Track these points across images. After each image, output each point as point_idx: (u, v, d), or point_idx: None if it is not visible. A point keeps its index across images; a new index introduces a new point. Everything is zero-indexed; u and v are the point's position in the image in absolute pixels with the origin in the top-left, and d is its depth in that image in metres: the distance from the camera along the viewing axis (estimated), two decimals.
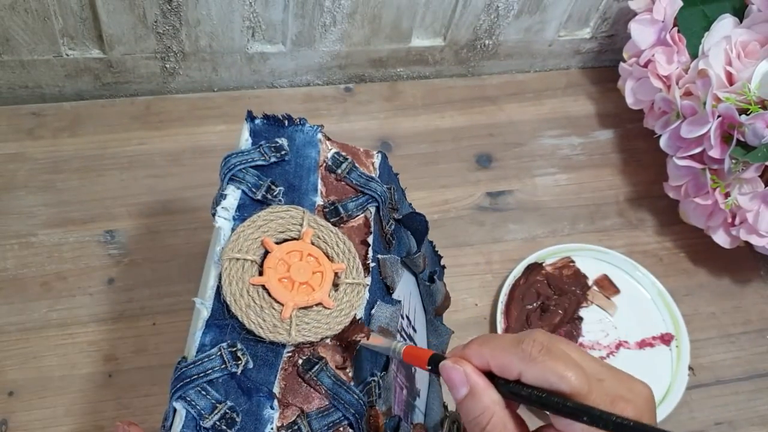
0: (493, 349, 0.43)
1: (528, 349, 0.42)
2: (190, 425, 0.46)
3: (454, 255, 0.89)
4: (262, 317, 0.50)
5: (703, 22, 0.90)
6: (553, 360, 0.41)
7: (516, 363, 0.42)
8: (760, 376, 0.87)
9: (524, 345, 0.42)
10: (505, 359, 0.42)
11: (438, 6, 0.96)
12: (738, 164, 0.83)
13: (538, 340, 0.42)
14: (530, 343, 0.42)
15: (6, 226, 0.83)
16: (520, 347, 0.42)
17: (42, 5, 0.82)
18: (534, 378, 0.41)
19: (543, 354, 0.41)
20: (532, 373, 0.41)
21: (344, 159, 0.61)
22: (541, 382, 0.41)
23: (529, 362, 0.41)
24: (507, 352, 0.42)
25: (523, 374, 0.42)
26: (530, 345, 0.42)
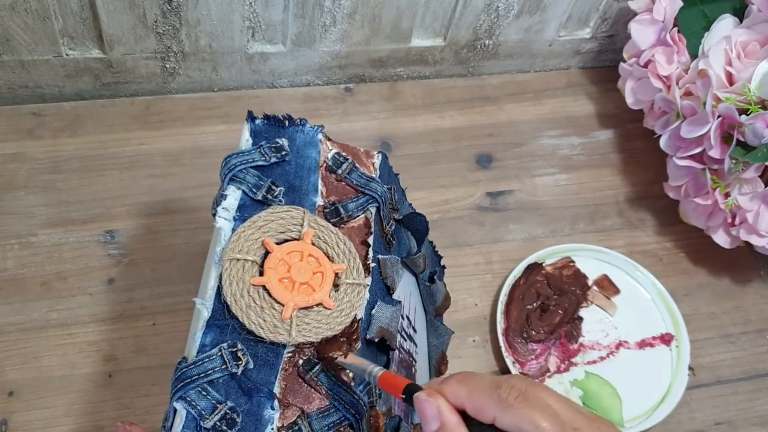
0: (470, 390, 0.43)
1: (505, 395, 0.42)
2: (190, 425, 0.46)
3: (454, 255, 0.89)
4: (262, 317, 0.50)
5: (703, 22, 0.90)
6: (529, 408, 0.41)
7: (492, 407, 0.42)
8: (760, 376, 0.87)
9: (501, 391, 0.42)
10: (481, 402, 0.43)
11: (438, 6, 0.96)
12: (738, 164, 0.83)
13: (516, 387, 0.42)
14: (508, 389, 0.42)
15: (6, 226, 0.83)
16: (497, 392, 0.42)
17: (42, 5, 0.82)
18: (508, 424, 0.41)
19: (519, 401, 0.42)
20: (506, 419, 0.41)
21: (345, 159, 0.61)
22: (515, 429, 0.41)
23: (505, 408, 0.41)
24: (484, 395, 0.43)
25: (497, 420, 0.42)
26: (507, 391, 0.42)
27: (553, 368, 0.84)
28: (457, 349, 0.83)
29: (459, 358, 0.83)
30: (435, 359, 0.73)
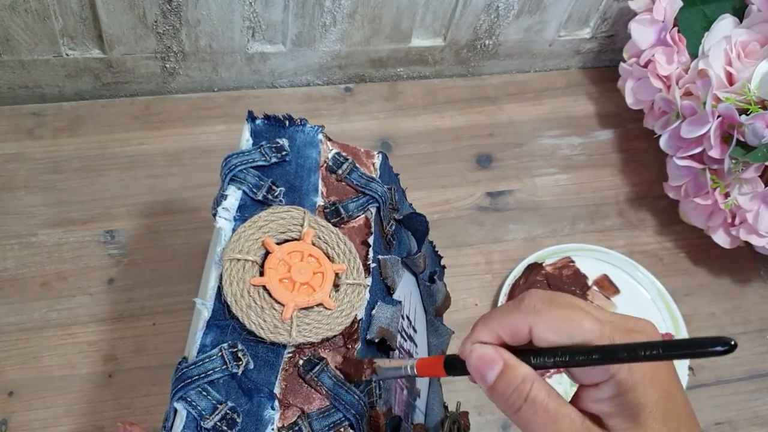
0: (498, 318, 0.42)
1: (531, 304, 0.41)
2: (190, 426, 0.46)
3: (454, 255, 0.89)
4: (262, 318, 0.50)
5: (703, 22, 0.90)
6: (559, 308, 0.41)
7: (524, 320, 0.41)
8: (760, 376, 0.87)
9: (526, 301, 0.42)
10: (513, 321, 0.41)
11: (438, 6, 0.96)
12: (738, 164, 0.83)
13: (538, 294, 0.42)
14: (531, 298, 0.41)
15: (6, 226, 0.83)
16: (522, 304, 0.41)
17: (42, 5, 0.82)
18: (545, 330, 0.40)
19: (547, 305, 0.41)
20: (542, 326, 0.40)
21: (345, 159, 0.61)
22: (552, 333, 0.40)
23: (536, 315, 0.40)
24: (512, 314, 0.41)
25: (533, 329, 0.40)
26: (532, 300, 0.41)
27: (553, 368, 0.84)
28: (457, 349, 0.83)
29: None
30: None
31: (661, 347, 0.36)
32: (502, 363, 0.41)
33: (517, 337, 0.41)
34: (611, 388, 0.40)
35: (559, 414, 0.39)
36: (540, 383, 0.40)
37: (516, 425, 0.41)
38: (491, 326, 0.42)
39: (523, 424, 0.40)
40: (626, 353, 0.37)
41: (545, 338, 0.40)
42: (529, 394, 0.40)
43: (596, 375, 0.40)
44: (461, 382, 0.82)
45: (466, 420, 0.71)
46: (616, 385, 0.39)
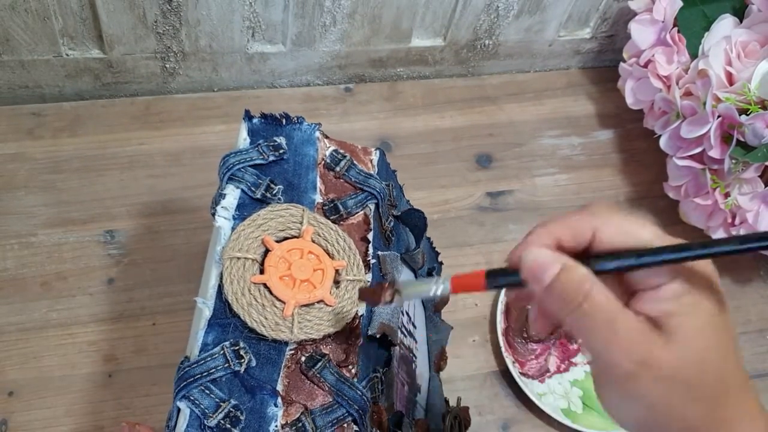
0: (561, 221, 0.42)
1: (598, 209, 0.42)
2: (194, 424, 0.46)
3: (454, 255, 0.89)
4: (264, 315, 0.50)
5: (703, 22, 0.90)
6: (625, 216, 0.41)
7: (589, 222, 0.41)
8: (760, 376, 0.87)
9: (593, 207, 0.42)
10: (577, 224, 0.41)
11: (438, 6, 0.96)
12: (738, 164, 0.83)
13: (604, 204, 0.42)
14: (599, 205, 0.42)
15: (6, 226, 0.83)
16: (590, 209, 0.42)
17: (42, 5, 0.82)
18: (610, 234, 0.41)
19: (612, 211, 0.41)
20: (607, 229, 0.41)
21: (343, 156, 0.61)
22: (618, 236, 0.40)
23: (603, 219, 0.41)
24: (576, 218, 0.42)
25: (598, 232, 0.41)
26: (599, 206, 0.42)
27: (553, 368, 0.84)
28: (457, 348, 0.83)
29: (459, 358, 0.83)
30: (434, 355, 0.73)
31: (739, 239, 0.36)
32: (559, 264, 0.40)
33: (579, 240, 0.41)
34: (674, 289, 0.39)
35: (617, 316, 0.39)
36: (599, 285, 0.40)
37: (569, 326, 0.41)
38: (551, 228, 0.42)
39: (579, 326, 0.40)
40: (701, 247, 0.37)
41: (609, 241, 0.41)
42: (589, 294, 0.39)
43: (659, 278, 0.40)
44: (462, 381, 0.82)
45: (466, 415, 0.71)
46: (680, 285, 0.39)
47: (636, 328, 0.39)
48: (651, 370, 0.38)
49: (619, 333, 0.39)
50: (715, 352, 0.39)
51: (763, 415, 0.41)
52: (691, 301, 0.39)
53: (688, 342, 0.38)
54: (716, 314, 0.39)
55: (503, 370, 0.83)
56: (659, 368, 0.38)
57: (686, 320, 0.39)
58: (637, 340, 0.38)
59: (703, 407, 0.39)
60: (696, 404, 0.39)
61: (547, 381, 0.83)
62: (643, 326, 0.39)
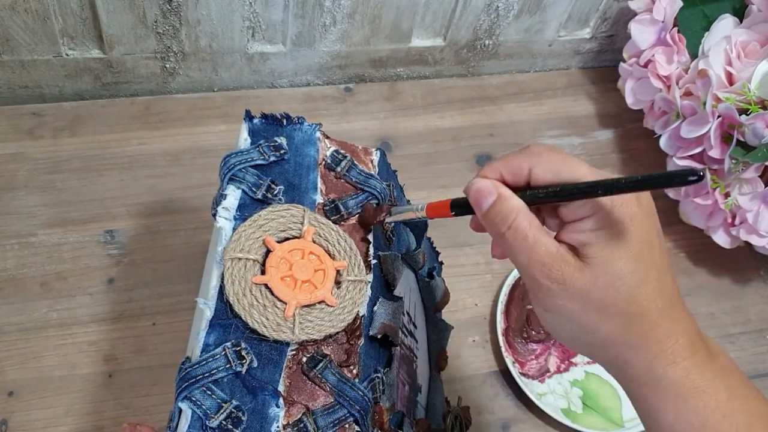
0: (502, 159, 0.47)
1: (535, 149, 0.46)
2: (196, 425, 0.46)
3: (454, 255, 0.89)
4: (265, 316, 0.50)
5: (703, 22, 0.90)
6: (559, 154, 0.45)
7: (526, 161, 0.46)
8: (760, 376, 0.87)
9: (531, 147, 0.46)
10: (515, 161, 0.46)
11: (438, 6, 0.96)
12: (738, 164, 0.83)
13: (542, 144, 0.47)
14: (536, 146, 0.46)
15: (6, 226, 0.83)
16: (528, 150, 0.46)
17: (42, 5, 0.82)
18: (543, 171, 0.45)
19: (549, 150, 0.46)
20: (541, 167, 0.45)
21: (343, 157, 0.61)
22: (549, 174, 0.45)
23: (539, 157, 0.45)
24: (516, 156, 0.46)
25: (533, 169, 0.45)
26: (536, 147, 0.46)
27: (553, 368, 0.84)
28: (457, 348, 0.83)
29: (459, 358, 0.83)
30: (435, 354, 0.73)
31: (640, 177, 0.40)
32: (496, 194, 0.46)
33: (517, 177, 0.46)
34: (594, 222, 0.44)
35: (537, 242, 0.44)
36: (525, 215, 0.45)
37: (503, 249, 0.47)
38: (496, 165, 0.47)
39: (507, 248, 0.46)
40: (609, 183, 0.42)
41: (543, 178, 0.45)
42: (512, 223, 0.45)
43: (581, 211, 0.44)
44: (462, 381, 0.82)
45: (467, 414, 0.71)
46: (600, 219, 0.44)
47: (553, 253, 0.44)
48: (566, 288, 0.44)
49: (538, 255, 0.44)
50: (627, 278, 0.43)
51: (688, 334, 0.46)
52: (605, 234, 0.44)
53: (599, 267, 0.44)
54: (630, 246, 0.44)
55: (503, 370, 0.83)
56: (573, 287, 0.44)
57: (599, 249, 0.44)
58: (553, 262, 0.44)
59: (616, 323, 0.44)
60: (610, 320, 0.44)
61: (547, 381, 0.83)
62: (560, 251, 0.44)
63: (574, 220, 0.45)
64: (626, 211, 0.44)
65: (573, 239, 0.45)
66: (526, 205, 0.45)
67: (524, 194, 0.46)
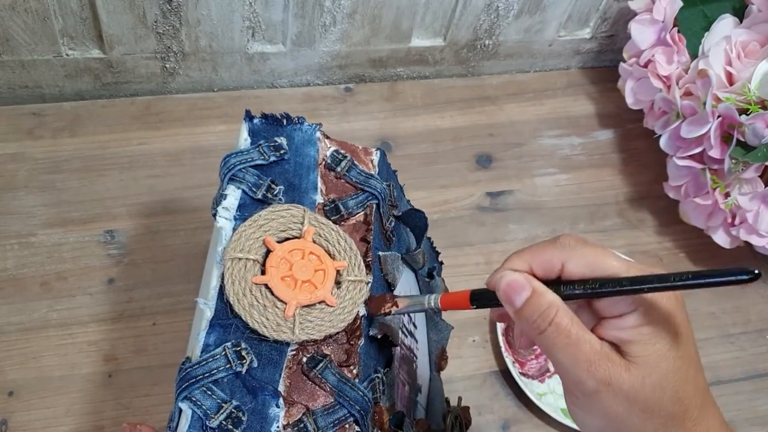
0: (532, 251, 0.45)
1: (566, 242, 0.44)
2: (196, 425, 0.46)
3: (454, 255, 0.89)
4: (265, 316, 0.50)
5: (703, 22, 0.90)
6: (591, 248, 0.44)
7: (557, 255, 0.44)
8: (760, 376, 0.87)
9: (561, 240, 0.45)
10: (546, 255, 0.44)
11: (438, 6, 0.96)
12: (738, 164, 0.83)
13: (572, 236, 0.45)
14: (566, 238, 0.45)
15: (6, 226, 0.83)
16: (558, 242, 0.45)
17: (42, 5, 0.82)
18: (576, 266, 0.43)
19: (581, 244, 0.44)
20: (574, 261, 0.44)
21: (343, 157, 0.61)
22: (584, 268, 0.43)
23: (570, 251, 0.44)
24: (546, 249, 0.45)
25: (566, 264, 0.44)
26: (567, 239, 0.45)
27: (553, 368, 0.84)
28: (457, 348, 0.83)
29: (459, 358, 0.83)
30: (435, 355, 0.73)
31: (691, 275, 0.39)
32: (530, 289, 0.44)
33: (548, 271, 0.45)
34: (636, 318, 0.42)
35: (580, 339, 0.42)
36: (564, 310, 0.43)
37: (540, 347, 0.44)
38: (525, 257, 0.45)
39: (547, 346, 0.43)
40: (657, 280, 0.40)
41: (577, 273, 0.44)
42: (553, 319, 0.42)
43: (620, 307, 0.43)
44: (462, 381, 0.82)
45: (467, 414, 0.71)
46: (640, 317, 0.42)
47: (598, 350, 0.42)
48: (612, 389, 0.42)
49: (583, 354, 0.42)
50: (672, 377, 0.42)
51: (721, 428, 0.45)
52: (649, 331, 0.42)
53: (646, 367, 0.42)
54: (674, 343, 0.43)
55: (503, 370, 0.83)
56: (620, 388, 0.42)
57: (644, 348, 0.42)
58: (599, 361, 0.42)
59: (659, 423, 0.43)
60: (653, 420, 0.43)
61: (547, 381, 0.83)
62: (605, 349, 0.43)
63: (613, 316, 0.43)
64: (668, 306, 0.43)
65: (614, 336, 0.43)
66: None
67: (559, 289, 0.44)
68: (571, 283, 0.43)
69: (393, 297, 0.54)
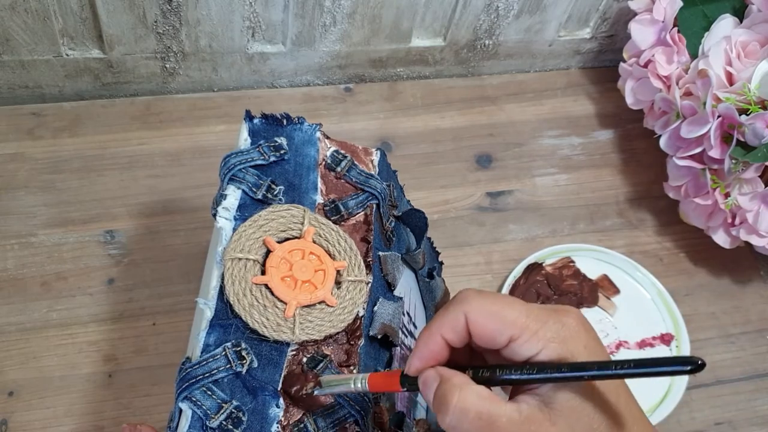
0: (438, 319, 0.44)
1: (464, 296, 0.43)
2: (196, 425, 0.46)
3: (454, 255, 0.89)
4: (265, 316, 0.50)
5: (703, 22, 0.90)
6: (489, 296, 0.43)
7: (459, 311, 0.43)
8: (760, 376, 0.87)
9: (459, 295, 0.44)
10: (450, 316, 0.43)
11: (438, 6, 0.96)
12: (738, 164, 0.83)
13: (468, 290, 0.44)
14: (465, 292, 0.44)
15: (6, 226, 0.83)
16: (456, 299, 0.44)
17: (42, 5, 0.82)
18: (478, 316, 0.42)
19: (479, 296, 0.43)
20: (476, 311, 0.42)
21: (343, 157, 0.61)
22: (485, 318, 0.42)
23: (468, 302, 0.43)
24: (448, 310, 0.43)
25: (468, 316, 0.42)
26: (465, 293, 0.44)
27: None
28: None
29: None
30: None
31: (633, 363, 0.38)
32: (438, 379, 0.42)
33: (457, 330, 0.43)
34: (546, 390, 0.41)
35: (493, 415, 0.40)
36: (468, 389, 0.41)
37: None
38: (434, 330, 0.44)
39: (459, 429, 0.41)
40: (597, 367, 0.39)
41: (481, 323, 0.42)
42: (457, 403, 0.40)
43: None
44: None
45: None
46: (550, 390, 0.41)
47: (516, 419, 0.40)
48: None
49: (502, 427, 0.40)
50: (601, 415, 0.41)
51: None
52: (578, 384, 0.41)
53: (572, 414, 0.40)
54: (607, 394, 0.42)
55: None
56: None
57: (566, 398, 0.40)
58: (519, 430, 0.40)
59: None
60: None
61: None
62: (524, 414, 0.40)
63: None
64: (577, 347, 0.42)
65: (534, 393, 0.41)
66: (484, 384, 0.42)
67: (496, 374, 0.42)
68: (508, 368, 0.41)
69: (316, 375, 0.50)
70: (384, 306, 0.56)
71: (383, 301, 0.56)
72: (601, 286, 0.90)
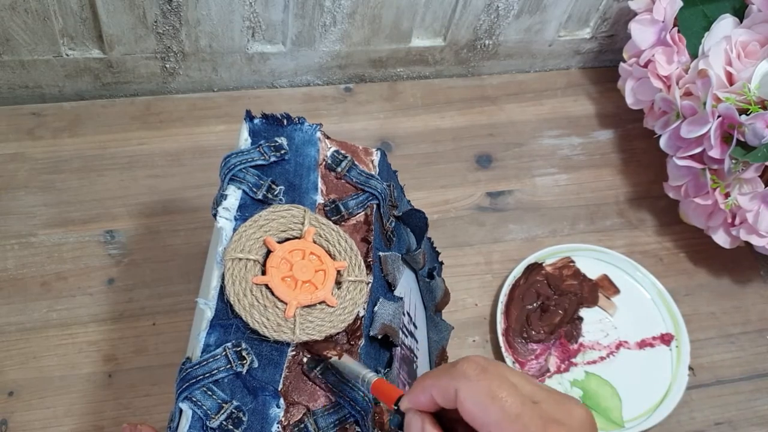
0: (433, 376, 0.43)
1: (463, 368, 0.42)
2: (196, 425, 0.46)
3: (454, 255, 0.89)
4: (265, 316, 0.50)
5: (703, 22, 0.90)
6: (488, 379, 0.41)
7: (452, 383, 0.41)
8: (760, 376, 0.87)
9: (459, 365, 0.42)
10: (443, 381, 0.42)
11: (438, 6, 0.96)
12: (738, 164, 0.83)
13: (475, 361, 0.42)
14: (466, 363, 0.42)
15: (6, 226, 0.83)
16: (456, 367, 0.42)
17: (42, 5, 0.82)
18: (467, 397, 0.41)
19: (478, 373, 0.41)
20: (466, 392, 0.41)
21: (344, 157, 0.61)
22: (472, 402, 0.40)
23: (464, 380, 0.41)
24: (444, 374, 0.42)
25: (459, 393, 0.41)
26: (466, 365, 0.42)
27: (553, 368, 0.84)
28: (458, 349, 0.83)
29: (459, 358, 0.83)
30: (435, 355, 0.73)
31: None
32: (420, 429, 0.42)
33: (446, 399, 0.42)
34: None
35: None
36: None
37: None
38: (426, 384, 0.43)
39: None
40: None
41: (466, 406, 0.41)
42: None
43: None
44: None
45: None
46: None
47: None
48: None
49: None
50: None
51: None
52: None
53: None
54: None
55: None
56: None
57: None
58: None
59: None
60: None
61: (547, 381, 0.83)
62: None
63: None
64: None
65: None
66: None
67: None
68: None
69: (341, 350, 0.52)
70: (384, 306, 0.56)
71: (383, 301, 0.56)
72: (601, 286, 0.90)
